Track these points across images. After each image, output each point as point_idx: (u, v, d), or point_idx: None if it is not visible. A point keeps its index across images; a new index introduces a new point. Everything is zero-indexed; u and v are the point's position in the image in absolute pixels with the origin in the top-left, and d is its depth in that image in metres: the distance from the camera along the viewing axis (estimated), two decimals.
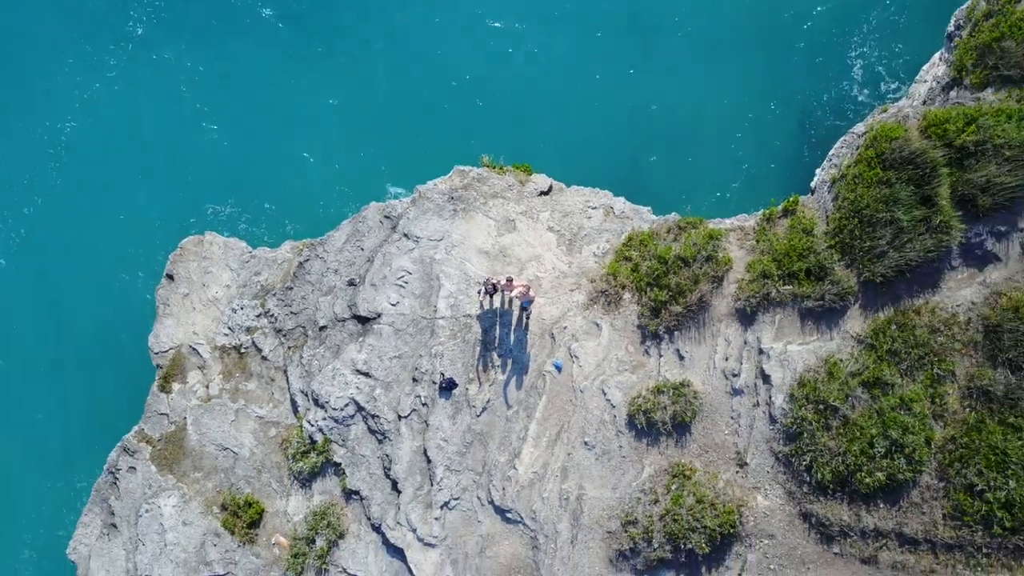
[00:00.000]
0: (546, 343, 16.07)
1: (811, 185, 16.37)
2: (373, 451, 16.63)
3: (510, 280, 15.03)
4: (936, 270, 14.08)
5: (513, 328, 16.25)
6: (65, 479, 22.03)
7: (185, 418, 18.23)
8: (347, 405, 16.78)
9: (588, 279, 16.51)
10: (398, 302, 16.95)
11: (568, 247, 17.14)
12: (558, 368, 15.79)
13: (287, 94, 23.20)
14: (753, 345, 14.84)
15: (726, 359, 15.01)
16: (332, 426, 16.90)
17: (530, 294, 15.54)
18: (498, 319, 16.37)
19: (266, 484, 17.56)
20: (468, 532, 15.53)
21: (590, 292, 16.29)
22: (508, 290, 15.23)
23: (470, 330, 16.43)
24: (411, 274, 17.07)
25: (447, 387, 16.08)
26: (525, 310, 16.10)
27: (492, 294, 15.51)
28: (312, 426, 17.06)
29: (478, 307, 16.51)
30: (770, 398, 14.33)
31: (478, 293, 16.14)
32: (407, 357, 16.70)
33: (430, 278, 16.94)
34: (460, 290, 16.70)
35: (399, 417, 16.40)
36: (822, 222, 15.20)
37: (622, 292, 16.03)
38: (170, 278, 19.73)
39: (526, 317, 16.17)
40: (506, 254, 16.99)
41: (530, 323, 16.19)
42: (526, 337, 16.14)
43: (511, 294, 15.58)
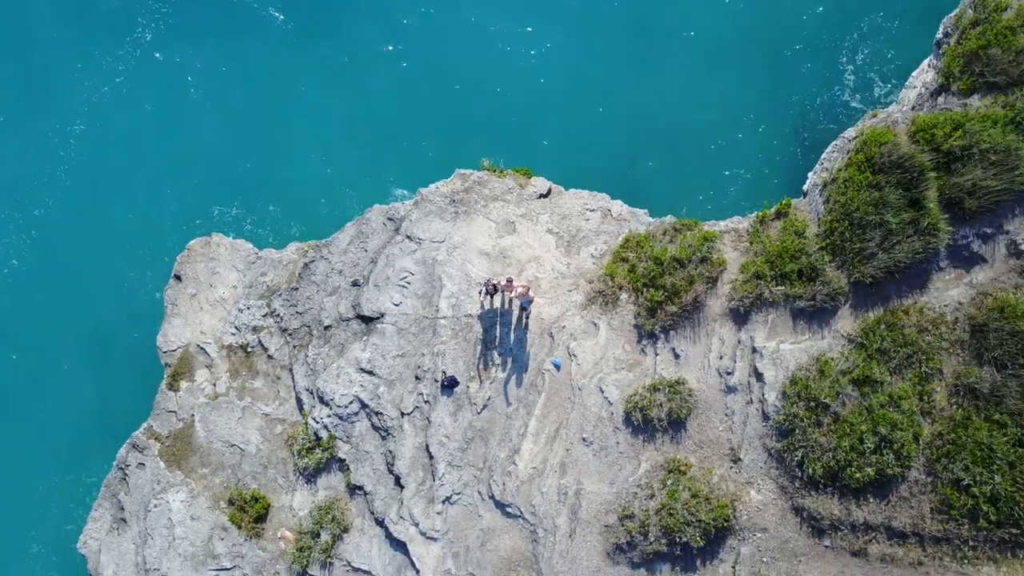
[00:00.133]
0: (545, 342, 16.22)
1: (803, 188, 16.51)
2: (377, 447, 16.80)
3: (510, 281, 15.17)
4: (924, 271, 14.23)
5: (513, 327, 16.41)
6: (75, 475, 21.96)
7: (193, 415, 18.40)
8: (351, 402, 16.95)
9: (586, 280, 16.66)
10: (401, 302, 17.13)
11: (566, 249, 17.29)
12: (557, 366, 15.93)
13: (291, 97, 23.22)
14: (747, 344, 15.01)
15: (720, 358, 15.17)
16: (337, 423, 17.07)
17: (530, 294, 15.64)
18: (498, 319, 16.53)
19: (272, 480, 17.73)
20: (469, 526, 15.69)
21: (588, 292, 16.45)
22: (508, 290, 15.36)
23: (471, 329, 16.61)
24: (414, 275, 17.24)
25: (449, 385, 16.23)
26: (525, 310, 16.22)
27: (492, 294, 15.64)
28: (317, 423, 17.20)
29: (479, 307, 16.65)
30: (763, 395, 14.50)
31: (479, 293, 16.22)
32: (410, 356, 16.87)
33: (432, 279, 17.11)
34: (461, 290, 16.86)
35: (402, 414, 16.56)
36: (814, 224, 15.34)
37: (619, 292, 16.18)
38: (178, 279, 19.85)
39: (526, 317, 16.30)
40: (506, 255, 17.13)
41: (530, 323, 16.31)
42: (526, 336, 16.29)
43: (511, 294, 15.73)
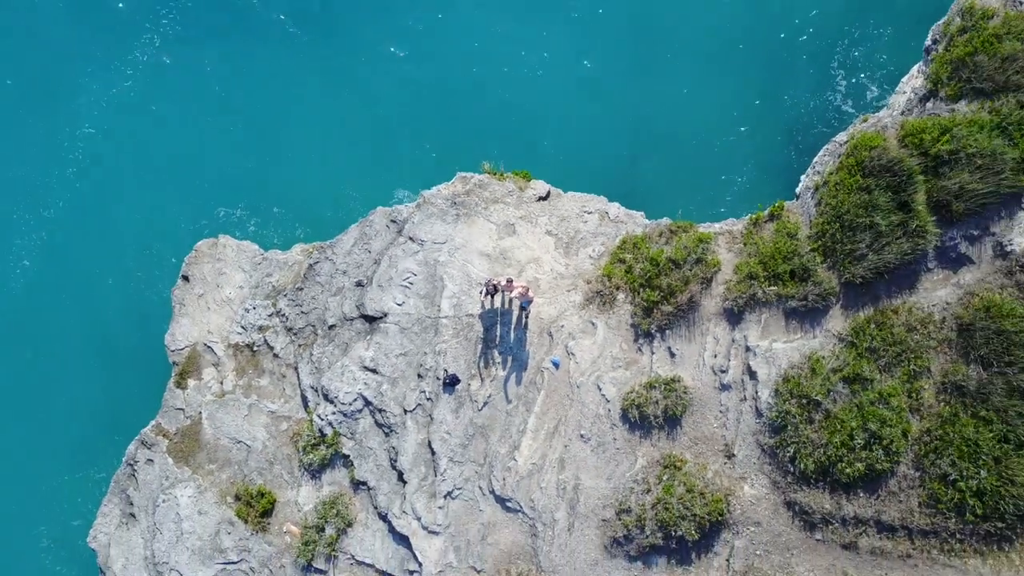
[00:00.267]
0: (544, 341, 16.45)
1: (796, 191, 16.72)
2: (380, 444, 17.03)
3: (510, 281, 15.40)
4: (913, 272, 14.45)
5: (513, 327, 16.63)
6: (84, 471, 22.15)
7: (200, 413, 18.64)
8: (355, 400, 17.18)
9: (584, 280, 16.88)
10: (404, 302, 17.36)
11: (565, 250, 17.50)
12: (556, 365, 16.15)
13: (295, 100, 23.30)
14: (740, 343, 15.24)
15: (715, 356, 15.40)
16: (341, 420, 17.30)
17: (529, 294, 15.87)
18: (499, 318, 16.75)
19: (278, 475, 17.97)
20: (470, 520, 15.94)
21: (586, 293, 16.66)
22: (508, 291, 15.57)
23: (472, 329, 16.83)
24: (416, 275, 17.47)
25: (450, 383, 16.46)
26: (524, 310, 16.45)
27: (493, 295, 15.85)
28: (322, 420, 17.42)
29: (480, 307, 16.85)
30: (756, 393, 14.74)
31: (480, 294, 16.41)
32: (412, 354, 17.10)
33: (434, 279, 17.32)
34: (463, 291, 17.08)
35: (405, 411, 16.79)
36: (806, 226, 15.55)
37: (616, 293, 16.39)
38: (185, 279, 20.10)
39: (525, 316, 16.51)
40: (506, 256, 17.35)
41: (529, 322, 16.52)
42: (525, 335, 16.51)
43: (511, 295, 15.90)
